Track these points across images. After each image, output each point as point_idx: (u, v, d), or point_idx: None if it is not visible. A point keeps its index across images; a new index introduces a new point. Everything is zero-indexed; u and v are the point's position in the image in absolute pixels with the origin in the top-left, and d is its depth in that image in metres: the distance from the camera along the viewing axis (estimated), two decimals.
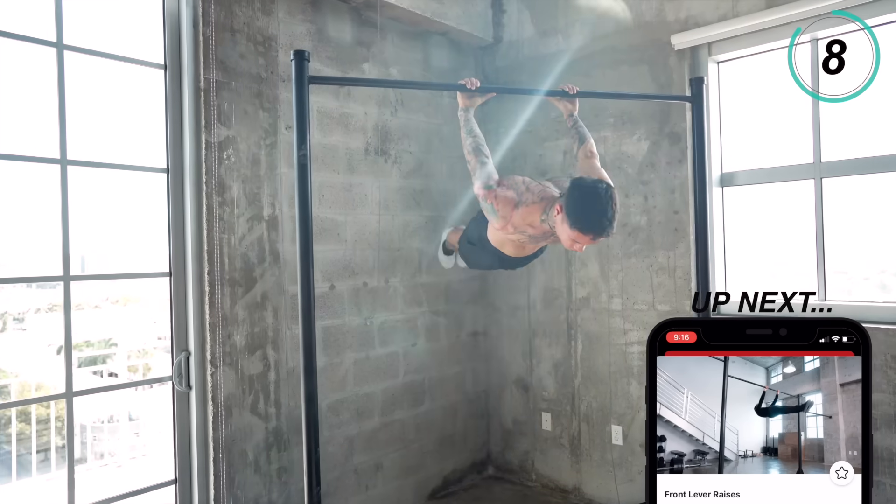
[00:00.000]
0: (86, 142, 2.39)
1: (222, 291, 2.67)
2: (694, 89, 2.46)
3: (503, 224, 2.02)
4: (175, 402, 2.66)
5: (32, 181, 2.48)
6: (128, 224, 3.28)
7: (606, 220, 1.82)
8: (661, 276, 3.18)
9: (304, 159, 2.01)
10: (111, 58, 2.45)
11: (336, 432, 3.11)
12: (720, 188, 3.14)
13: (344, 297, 3.15)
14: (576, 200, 1.85)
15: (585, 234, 1.84)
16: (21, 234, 4.04)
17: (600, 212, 1.81)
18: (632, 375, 3.30)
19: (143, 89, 2.56)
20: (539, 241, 2.20)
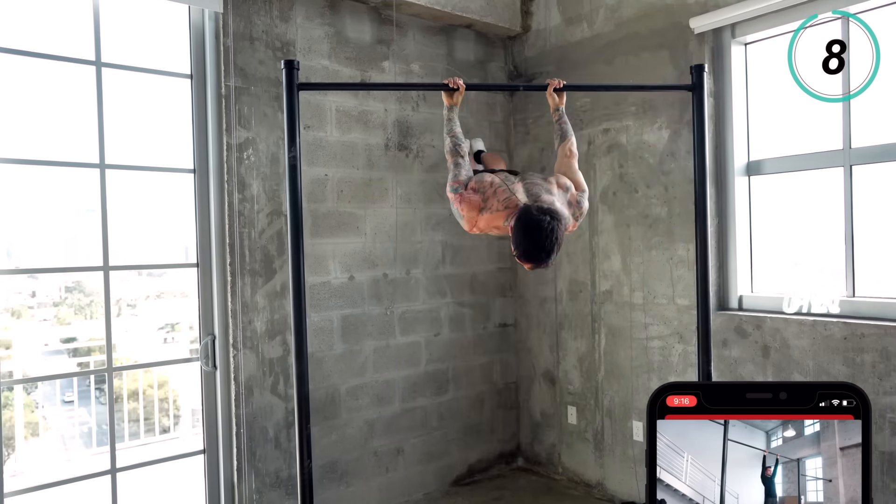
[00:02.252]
0: (122, 147, 2.85)
1: (243, 281, 3.07)
2: (694, 78, 2.54)
3: (469, 227, 2.25)
4: (203, 381, 3.10)
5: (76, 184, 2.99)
6: (162, 220, 3.78)
7: (544, 252, 2.00)
8: (681, 269, 3.26)
9: (293, 160, 2.32)
10: (143, 71, 2.90)
11: (355, 415, 3.46)
12: (745, 177, 3.17)
13: (363, 288, 3.49)
14: (519, 230, 2.05)
15: (524, 261, 2.05)
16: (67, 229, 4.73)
17: (539, 245, 2.00)
18: (652, 371, 3.41)
19: (172, 97, 3.00)
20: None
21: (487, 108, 4.00)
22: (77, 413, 7.42)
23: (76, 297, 13.57)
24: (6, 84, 2.78)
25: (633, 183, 3.45)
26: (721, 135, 3.16)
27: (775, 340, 2.93)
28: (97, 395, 8.10)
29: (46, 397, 7.89)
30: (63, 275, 13.08)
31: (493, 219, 2.21)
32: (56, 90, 2.87)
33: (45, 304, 12.75)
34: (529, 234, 2.02)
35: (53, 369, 7.74)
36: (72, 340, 11.00)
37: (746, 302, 3.15)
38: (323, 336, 3.35)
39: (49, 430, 7.51)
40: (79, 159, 2.82)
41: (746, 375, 3.03)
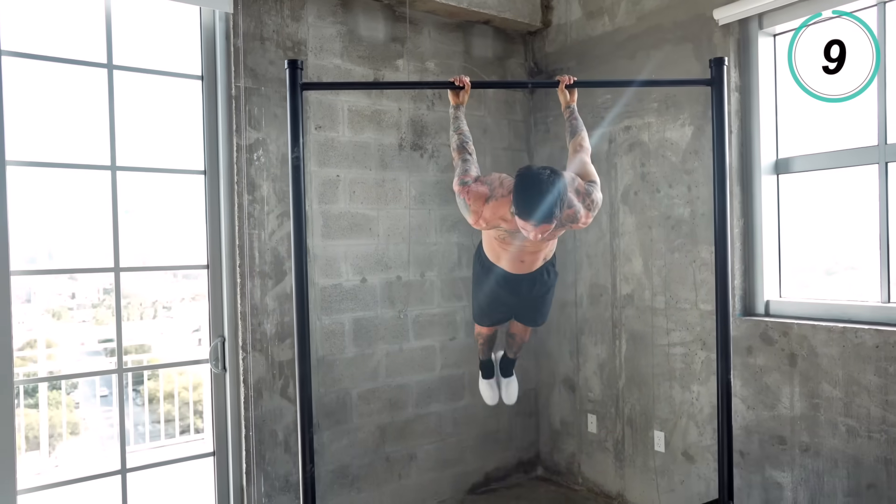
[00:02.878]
0: (133, 149, 2.92)
1: (253, 283, 3.11)
2: (714, 72, 2.49)
3: (475, 219, 2.24)
4: (213, 383, 3.16)
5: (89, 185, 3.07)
6: (175, 221, 3.85)
7: (546, 205, 1.97)
8: (705, 273, 3.18)
9: (297, 161, 2.34)
10: (154, 73, 2.97)
11: (367, 420, 3.48)
12: (774, 176, 3.08)
13: (376, 290, 3.50)
14: (518, 188, 2.03)
15: (526, 219, 2.01)
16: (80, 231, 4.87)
17: (539, 197, 1.97)
18: (674, 379, 3.34)
19: (183, 98, 3.06)
20: (524, 241, 2.37)
21: (507, 107, 3.97)
22: (114, 412, 7.64)
23: (114, 299, 14.11)
24: (22, 87, 2.87)
25: (655, 182, 3.38)
26: (748, 131, 3.07)
27: (802, 348, 2.83)
28: (133, 396, 8.36)
29: (86, 398, 8.19)
30: (101, 278, 13.58)
31: (498, 206, 2.21)
32: (69, 92, 2.95)
33: (84, 305, 13.26)
34: (528, 187, 2.00)
35: (92, 368, 8.01)
36: (109, 341, 11.41)
37: (773, 307, 3.06)
38: (334, 339, 3.37)
39: (88, 429, 7.80)
40: (92, 161, 2.89)
41: (772, 385, 2.94)
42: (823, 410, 2.78)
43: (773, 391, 2.95)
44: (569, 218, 2.28)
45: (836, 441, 2.74)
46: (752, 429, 3.03)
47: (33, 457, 5.44)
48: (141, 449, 5.39)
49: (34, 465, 5.26)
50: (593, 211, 2.33)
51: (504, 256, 2.51)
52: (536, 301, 2.68)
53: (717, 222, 2.52)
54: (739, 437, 3.04)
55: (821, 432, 2.79)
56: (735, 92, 3.05)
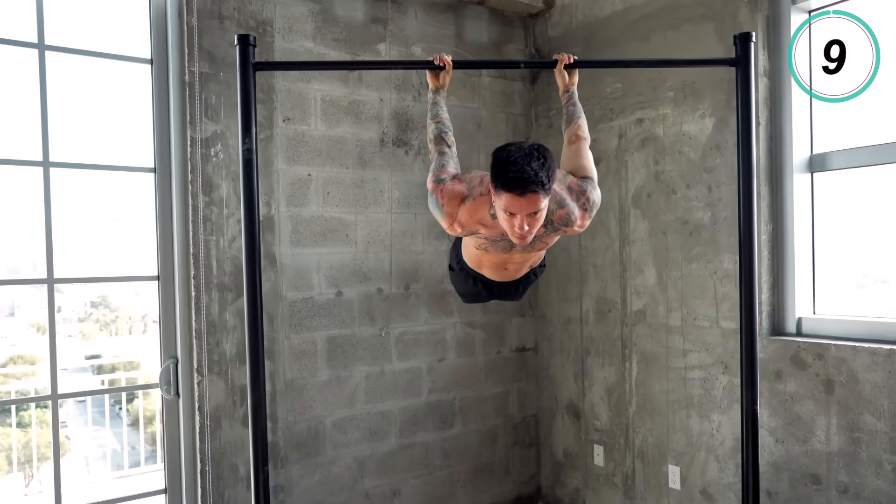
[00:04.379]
0: (72, 143, 2.70)
1: (210, 297, 2.89)
2: (739, 50, 2.27)
3: (449, 222, 2.01)
4: (164, 410, 2.92)
5: (16, 185, 2.85)
6: (118, 227, 3.64)
7: (531, 169, 1.73)
8: (727, 286, 2.95)
9: (249, 154, 2.13)
10: (95, 55, 2.75)
11: (343, 452, 3.24)
12: (807, 174, 2.85)
13: (353, 305, 3.27)
14: (496, 159, 1.80)
15: (510, 189, 1.75)
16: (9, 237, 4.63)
17: (522, 163, 1.74)
18: (691, 406, 3.10)
19: (130, 86, 2.85)
20: (510, 250, 2.14)
21: (504, 99, 3.75)
22: (102, 434, 7.51)
23: (101, 313, 13.97)
24: None
25: (671, 183, 3.15)
26: (777, 123, 2.84)
27: (841, 373, 2.59)
28: (119, 414, 8.15)
29: (72, 417, 8.05)
30: (88, 291, 13.43)
31: (475, 207, 1.98)
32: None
33: (70, 319, 13.13)
34: (507, 154, 1.77)
35: (78, 387, 7.85)
36: (96, 357, 11.28)
37: (806, 325, 2.82)
38: (304, 361, 3.14)
39: (71, 450, 7.64)
40: (20, 156, 2.67)
41: (805, 415, 2.70)
42: (865, 446, 2.54)
43: (805, 422, 2.71)
44: (561, 220, 2.06)
45: (881, 482, 2.50)
46: (780, 465, 2.79)
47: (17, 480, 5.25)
48: (101, 479, 5.15)
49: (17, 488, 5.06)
50: (590, 212, 2.10)
51: (486, 265, 2.29)
52: (520, 294, 2.49)
53: (743, 227, 2.29)
54: (766, 474, 2.80)
55: (862, 471, 2.55)
56: (763, 77, 2.81)
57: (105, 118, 3.14)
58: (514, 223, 1.83)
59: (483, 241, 2.09)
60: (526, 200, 1.77)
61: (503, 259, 2.19)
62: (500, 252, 2.17)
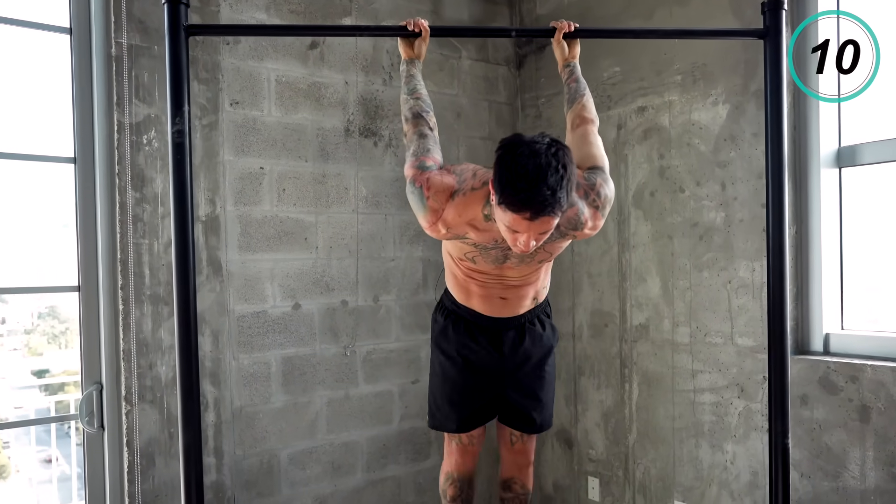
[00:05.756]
0: None
1: (142, 310, 2.54)
2: (768, 20, 2.01)
3: (432, 220, 1.73)
4: (86, 446, 2.57)
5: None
6: (35, 226, 3.27)
7: (546, 188, 1.47)
8: (744, 297, 2.68)
9: (180, 136, 1.81)
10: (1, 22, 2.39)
11: (301, 490, 2.91)
12: (835, 169, 2.59)
13: (313, 320, 2.94)
14: (503, 165, 1.53)
15: (518, 210, 1.50)
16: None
17: (536, 179, 1.47)
18: (701, 435, 2.82)
19: (45, 59, 2.51)
20: (503, 262, 1.87)
21: (487, 85, 3.46)
22: (48, 455, 7.15)
23: (49, 324, 13.39)
24: None
25: (678, 179, 2.88)
26: (802, 112, 2.59)
27: (879, 398, 2.33)
28: (68, 433, 7.71)
29: (14, 436, 7.65)
30: (36, 301, 12.87)
31: (467, 203, 1.71)
32: None
33: (15, 331, 12.54)
34: (519, 165, 1.49)
35: (25, 404, 7.47)
36: (44, 373, 10.75)
37: (835, 343, 2.56)
38: (256, 385, 2.80)
39: (18, 471, 7.25)
40: None
41: (835, 446, 2.44)
42: None
43: (836, 455, 2.44)
44: (569, 223, 1.78)
45: None
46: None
47: None
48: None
49: None
50: (602, 210, 1.83)
51: (477, 291, 2.01)
52: (531, 373, 2.16)
53: (772, 229, 2.03)
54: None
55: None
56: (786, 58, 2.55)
57: (14, 97, 2.78)
58: (517, 238, 1.59)
59: (471, 248, 1.81)
60: (536, 223, 1.53)
61: (497, 280, 1.93)
62: (491, 265, 1.88)
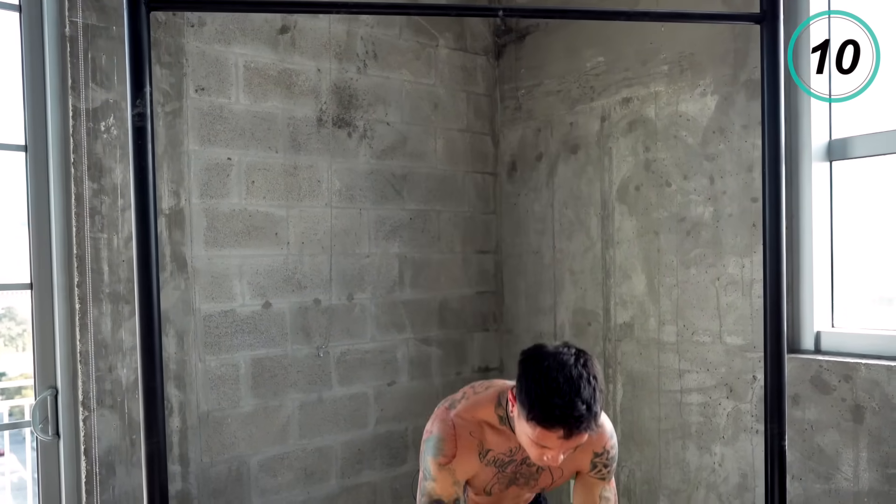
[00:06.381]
0: None
1: (100, 310, 2.39)
2: (766, 3, 1.91)
3: (442, 463, 1.77)
4: (40, 455, 2.41)
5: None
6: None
7: (582, 403, 1.45)
8: (733, 294, 2.61)
9: (140, 120, 1.66)
10: None
11: (272, 498, 2.77)
12: (826, 163, 2.54)
13: (285, 319, 2.80)
14: (530, 379, 1.51)
15: (551, 428, 1.47)
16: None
17: (570, 393, 1.45)
18: (688, 436, 2.75)
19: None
20: (507, 483, 1.89)
21: (465, 75, 3.35)
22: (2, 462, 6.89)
23: (5, 326, 12.99)
24: None
25: (665, 173, 2.80)
26: (793, 103, 2.52)
27: (873, 398, 2.28)
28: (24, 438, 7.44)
29: None
30: None
31: (474, 407, 1.81)
32: None
33: None
34: (551, 380, 1.47)
35: None
36: (0, 377, 10.39)
37: (826, 341, 2.50)
38: (224, 388, 2.66)
39: None
40: None
41: (828, 448, 2.38)
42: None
43: (828, 456, 2.38)
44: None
45: None
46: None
47: None
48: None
49: None
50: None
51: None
52: None
53: (769, 223, 1.93)
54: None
55: None
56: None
57: None
58: (544, 454, 1.56)
59: (494, 481, 1.85)
60: (570, 441, 1.51)
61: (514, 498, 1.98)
62: (503, 491, 1.91)
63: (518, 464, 1.82)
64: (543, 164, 3.26)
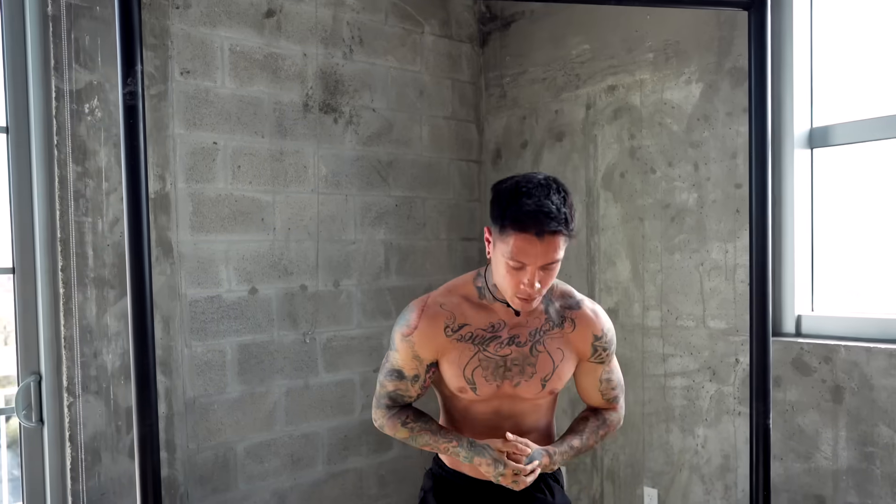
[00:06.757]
0: None
1: (85, 294, 2.35)
2: None
3: (405, 334, 1.69)
4: (24, 442, 2.37)
5: None
6: None
7: (551, 202, 1.46)
8: (716, 279, 2.65)
9: (132, 98, 1.64)
10: None
11: (258, 485, 2.76)
12: (807, 150, 2.58)
13: (271, 305, 2.79)
14: (501, 194, 1.53)
15: (524, 228, 1.46)
16: None
17: (539, 195, 1.48)
18: (672, 420, 2.79)
19: None
20: (500, 374, 1.69)
21: (450, 63, 3.35)
22: None
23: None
24: None
25: (650, 160, 2.83)
26: (777, 91, 2.56)
27: (852, 379, 2.33)
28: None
29: None
30: None
31: (452, 288, 1.74)
32: None
33: None
34: (520, 186, 1.51)
35: None
36: None
37: (807, 325, 2.55)
38: (210, 374, 2.64)
39: None
40: None
41: (808, 428, 2.43)
42: (880, 462, 2.28)
43: (808, 436, 2.44)
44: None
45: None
46: (779, 486, 2.51)
47: None
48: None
49: None
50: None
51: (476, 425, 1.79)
52: None
53: (756, 207, 1.99)
54: None
55: (876, 491, 2.29)
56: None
57: None
58: (521, 278, 1.52)
59: (470, 361, 1.66)
60: (543, 245, 1.47)
61: (496, 415, 1.74)
62: (493, 383, 1.68)
63: (504, 343, 1.67)
64: (528, 151, 3.27)
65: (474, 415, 1.76)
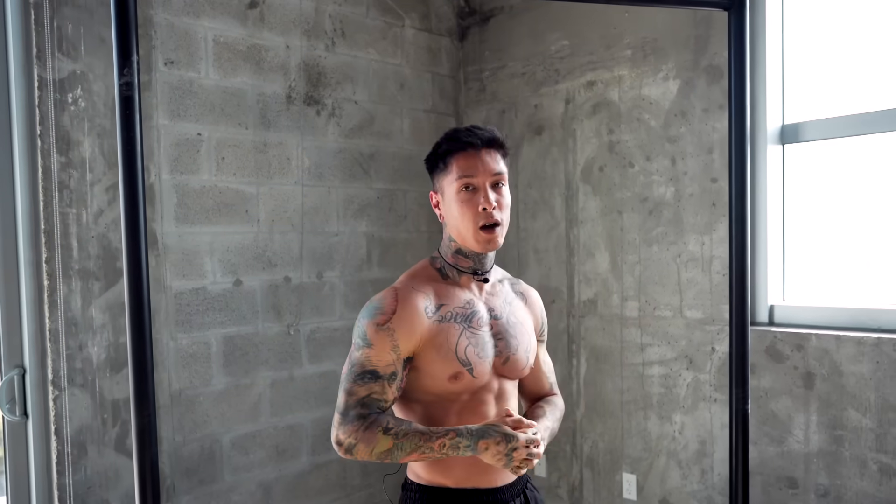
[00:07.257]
0: None
1: (70, 286, 2.33)
2: None
3: (381, 323, 1.49)
4: (8, 436, 2.34)
5: None
6: None
7: (486, 130, 1.56)
8: (693, 271, 2.73)
9: (128, 89, 1.61)
10: None
11: (244, 476, 2.76)
12: (779, 146, 2.67)
13: (255, 297, 2.79)
14: (434, 147, 1.61)
15: (464, 147, 1.53)
16: None
17: (471, 127, 1.59)
18: (650, 407, 2.87)
19: None
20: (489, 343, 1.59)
21: (430, 56, 3.37)
22: None
23: None
24: None
25: (628, 154, 2.90)
26: (750, 88, 2.63)
27: (822, 366, 2.43)
28: None
29: None
30: None
31: (413, 273, 1.65)
32: None
33: None
34: (456, 129, 1.61)
35: None
36: None
37: (779, 314, 2.65)
38: (195, 366, 2.63)
39: None
40: None
41: (781, 413, 2.53)
42: (849, 444, 2.39)
43: (781, 421, 2.54)
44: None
45: (865, 483, 2.36)
46: (753, 469, 2.60)
47: None
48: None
49: None
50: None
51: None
52: None
53: (735, 200, 2.01)
54: None
55: (845, 472, 2.40)
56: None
57: None
58: (476, 203, 1.50)
59: (460, 341, 1.52)
60: (484, 156, 1.52)
61: (482, 402, 1.59)
62: (486, 360, 1.55)
63: (486, 317, 1.59)
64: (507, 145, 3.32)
65: (460, 410, 1.58)
